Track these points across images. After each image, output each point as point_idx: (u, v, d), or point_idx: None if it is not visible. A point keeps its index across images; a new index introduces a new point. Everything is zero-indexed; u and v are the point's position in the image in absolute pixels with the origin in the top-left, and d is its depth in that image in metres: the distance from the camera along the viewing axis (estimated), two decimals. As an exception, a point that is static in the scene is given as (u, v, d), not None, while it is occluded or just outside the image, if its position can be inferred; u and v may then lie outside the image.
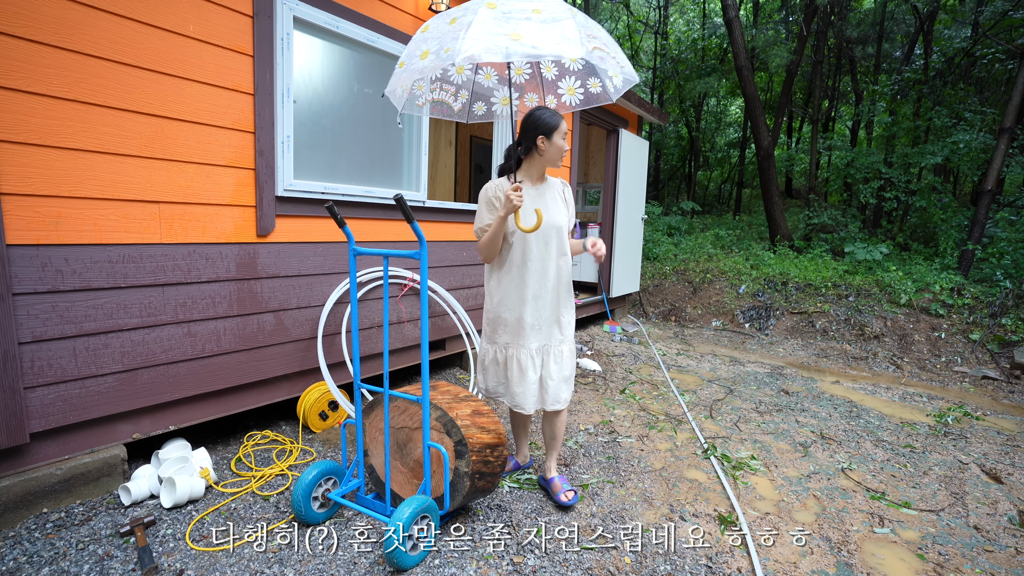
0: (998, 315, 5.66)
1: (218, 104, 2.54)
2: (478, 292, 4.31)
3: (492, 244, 2.24)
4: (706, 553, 2.09)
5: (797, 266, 7.77)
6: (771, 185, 9.67)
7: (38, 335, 2.08)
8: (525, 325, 2.29)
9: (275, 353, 2.90)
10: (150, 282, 2.38)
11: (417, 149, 3.66)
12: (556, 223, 2.29)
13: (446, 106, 2.52)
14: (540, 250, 2.28)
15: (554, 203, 2.34)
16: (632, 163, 6.48)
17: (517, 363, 2.32)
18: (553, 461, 2.49)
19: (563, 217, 2.34)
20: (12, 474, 2.07)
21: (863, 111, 11.41)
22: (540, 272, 2.29)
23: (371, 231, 3.37)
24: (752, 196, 16.46)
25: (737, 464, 2.88)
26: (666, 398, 3.94)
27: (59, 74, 2.04)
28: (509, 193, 2.10)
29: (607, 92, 2.32)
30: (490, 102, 2.60)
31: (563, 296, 2.36)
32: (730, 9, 9.28)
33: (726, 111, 17.11)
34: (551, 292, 2.31)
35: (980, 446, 3.32)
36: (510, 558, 2.00)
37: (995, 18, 8.61)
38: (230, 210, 2.64)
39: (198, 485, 2.27)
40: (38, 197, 2.04)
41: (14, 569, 1.80)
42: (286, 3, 2.74)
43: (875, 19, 11.60)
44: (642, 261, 8.44)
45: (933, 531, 2.33)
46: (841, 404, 3.99)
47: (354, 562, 1.93)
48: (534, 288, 2.29)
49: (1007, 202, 8.31)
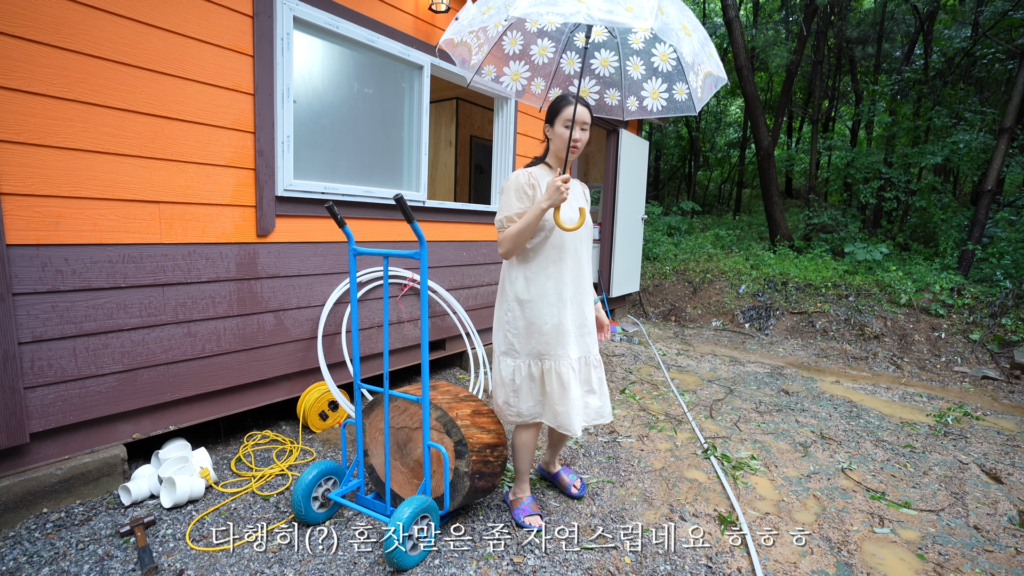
0: (998, 315, 5.66)
1: (218, 104, 2.54)
2: (478, 292, 4.31)
3: (521, 236, 1.94)
4: (706, 553, 2.09)
5: (797, 266, 7.77)
6: (771, 185, 9.67)
7: (38, 335, 2.08)
8: (566, 332, 2.04)
9: (275, 353, 2.90)
10: (150, 282, 2.38)
11: (417, 149, 3.66)
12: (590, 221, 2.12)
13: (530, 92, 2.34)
14: (576, 245, 2.06)
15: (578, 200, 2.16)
16: (632, 163, 6.48)
17: (557, 377, 2.03)
18: (557, 457, 2.53)
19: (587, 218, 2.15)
20: (12, 474, 2.07)
21: (863, 111, 11.41)
22: (576, 271, 2.06)
23: (371, 231, 3.37)
24: (752, 196, 16.46)
25: (737, 464, 2.88)
26: (666, 398, 3.94)
27: (59, 74, 2.04)
28: (557, 183, 1.85)
29: (693, 100, 2.07)
30: (567, 89, 2.35)
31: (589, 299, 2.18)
32: (730, 9, 9.28)
33: (726, 111, 17.11)
34: (588, 294, 2.13)
35: (980, 446, 3.32)
36: (510, 558, 2.00)
37: (995, 18, 8.61)
38: (230, 210, 2.64)
39: (198, 485, 2.27)
40: (38, 197, 2.04)
41: (14, 569, 1.80)
42: (286, 3, 2.74)
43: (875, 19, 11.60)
44: (642, 261, 8.44)
45: (933, 531, 2.33)
46: (841, 404, 3.99)
47: (354, 562, 1.93)
48: (572, 289, 2.05)
49: (1007, 202, 8.31)
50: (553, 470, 2.51)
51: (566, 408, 2.02)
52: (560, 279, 2.03)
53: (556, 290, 2.03)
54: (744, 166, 15.13)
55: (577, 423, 2.04)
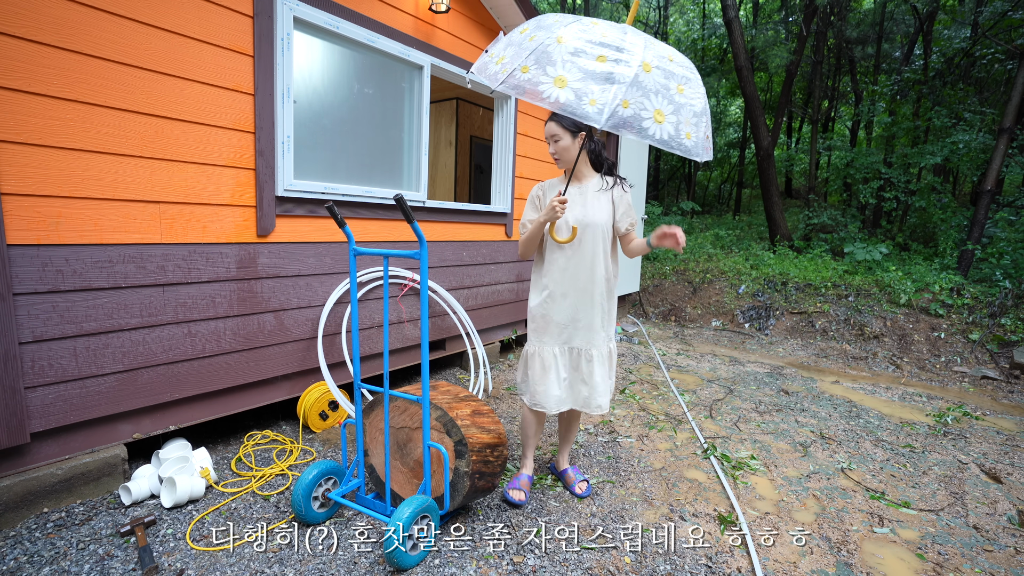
0: (997, 315, 5.66)
1: (218, 104, 2.54)
2: (478, 292, 4.32)
3: (529, 242, 2.26)
4: (706, 553, 2.09)
5: (797, 266, 7.77)
6: (771, 185, 9.67)
7: (39, 335, 2.08)
8: (552, 323, 2.28)
9: (275, 353, 2.91)
10: (150, 282, 2.38)
11: (417, 149, 3.66)
12: (593, 221, 2.21)
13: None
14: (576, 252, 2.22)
15: (595, 202, 2.25)
16: (632, 163, 6.48)
17: (540, 360, 2.30)
18: (567, 454, 2.59)
19: (601, 215, 2.23)
20: (13, 474, 2.07)
21: (863, 111, 11.41)
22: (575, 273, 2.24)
23: (371, 231, 3.37)
24: (752, 196, 16.47)
25: (737, 464, 2.88)
26: (666, 398, 3.95)
27: (59, 74, 2.04)
28: (554, 202, 2.06)
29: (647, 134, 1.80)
30: None
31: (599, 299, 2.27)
32: (730, 9, 9.28)
33: (726, 111, 17.12)
34: (592, 294, 2.25)
35: (979, 446, 3.32)
36: (510, 558, 2.00)
37: (994, 18, 8.62)
38: (230, 210, 2.64)
39: (198, 485, 2.27)
40: (38, 197, 2.04)
41: (15, 569, 1.80)
42: (286, 3, 2.74)
43: (875, 19, 11.61)
44: (642, 261, 8.44)
45: (933, 531, 2.33)
46: (841, 404, 3.99)
47: (354, 562, 1.93)
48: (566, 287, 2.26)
49: (1006, 202, 8.32)
50: (561, 467, 2.59)
51: (544, 388, 2.28)
52: (553, 279, 2.27)
53: (549, 287, 2.28)
54: (744, 166, 15.14)
55: (550, 404, 2.28)
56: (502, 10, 4.15)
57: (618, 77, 1.64)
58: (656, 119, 1.66)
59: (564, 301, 2.25)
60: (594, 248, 2.22)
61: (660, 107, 1.67)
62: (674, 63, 1.80)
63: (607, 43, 1.69)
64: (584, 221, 2.20)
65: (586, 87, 1.61)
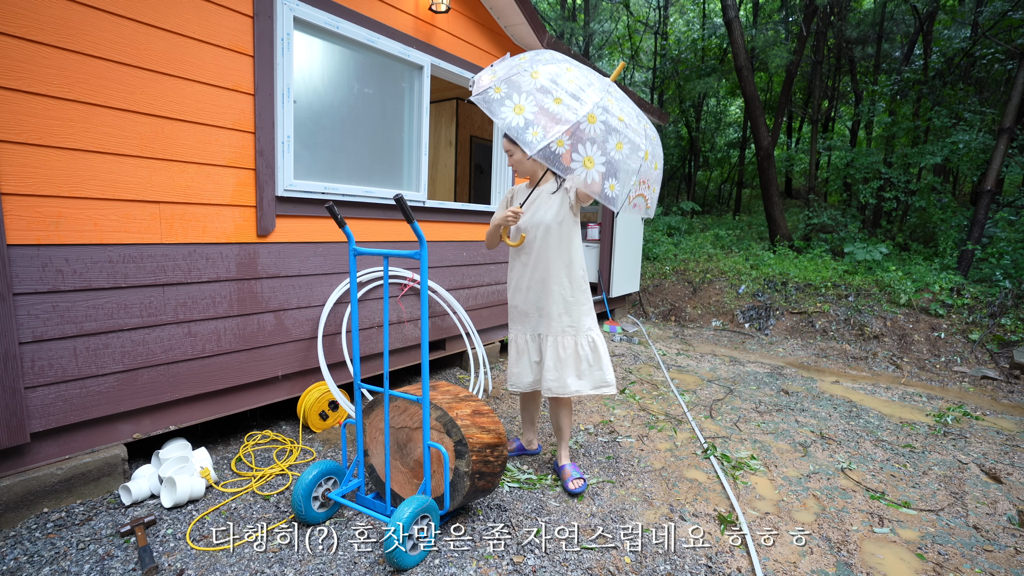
0: (997, 315, 5.66)
1: (218, 104, 2.54)
2: (478, 292, 4.32)
3: (490, 239, 2.55)
4: (706, 553, 2.09)
5: (797, 266, 7.77)
6: (771, 185, 9.68)
7: (39, 335, 2.08)
8: (520, 312, 2.57)
9: (275, 353, 2.91)
10: (150, 282, 2.38)
11: (417, 149, 3.66)
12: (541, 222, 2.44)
13: None
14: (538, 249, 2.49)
15: (546, 203, 2.47)
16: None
17: (515, 345, 2.62)
18: (564, 449, 2.64)
19: (549, 215, 2.43)
20: (13, 474, 2.07)
21: (863, 111, 11.41)
22: (534, 266, 2.49)
23: (371, 231, 3.37)
24: (752, 196, 16.46)
25: (737, 464, 2.88)
26: (666, 398, 3.95)
27: (59, 74, 2.04)
28: (508, 213, 2.37)
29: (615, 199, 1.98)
30: None
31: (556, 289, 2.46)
32: (730, 9, 9.29)
33: (726, 111, 17.12)
34: (550, 285, 2.46)
35: (979, 446, 3.32)
36: (510, 558, 2.00)
37: (994, 18, 8.62)
38: (230, 210, 2.64)
39: (198, 485, 2.27)
40: (39, 197, 2.04)
41: (15, 569, 1.80)
42: (286, 3, 2.74)
43: (875, 19, 11.60)
44: (642, 261, 8.44)
45: (933, 531, 2.33)
46: (841, 404, 3.99)
47: (354, 562, 1.93)
48: (530, 280, 2.51)
49: (1006, 202, 8.32)
50: (560, 463, 2.63)
51: (517, 371, 2.61)
52: (516, 272, 2.57)
53: (516, 280, 2.57)
54: (744, 166, 15.13)
55: (522, 385, 2.59)
56: (502, 10, 4.15)
57: (563, 119, 1.86)
58: (585, 164, 1.88)
59: (528, 293, 2.52)
60: (546, 244, 2.44)
61: (591, 155, 1.89)
62: (625, 125, 1.97)
63: (568, 90, 1.94)
64: (533, 222, 2.45)
65: (536, 119, 1.86)
